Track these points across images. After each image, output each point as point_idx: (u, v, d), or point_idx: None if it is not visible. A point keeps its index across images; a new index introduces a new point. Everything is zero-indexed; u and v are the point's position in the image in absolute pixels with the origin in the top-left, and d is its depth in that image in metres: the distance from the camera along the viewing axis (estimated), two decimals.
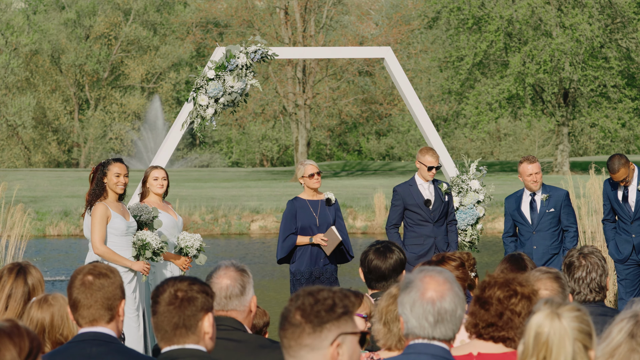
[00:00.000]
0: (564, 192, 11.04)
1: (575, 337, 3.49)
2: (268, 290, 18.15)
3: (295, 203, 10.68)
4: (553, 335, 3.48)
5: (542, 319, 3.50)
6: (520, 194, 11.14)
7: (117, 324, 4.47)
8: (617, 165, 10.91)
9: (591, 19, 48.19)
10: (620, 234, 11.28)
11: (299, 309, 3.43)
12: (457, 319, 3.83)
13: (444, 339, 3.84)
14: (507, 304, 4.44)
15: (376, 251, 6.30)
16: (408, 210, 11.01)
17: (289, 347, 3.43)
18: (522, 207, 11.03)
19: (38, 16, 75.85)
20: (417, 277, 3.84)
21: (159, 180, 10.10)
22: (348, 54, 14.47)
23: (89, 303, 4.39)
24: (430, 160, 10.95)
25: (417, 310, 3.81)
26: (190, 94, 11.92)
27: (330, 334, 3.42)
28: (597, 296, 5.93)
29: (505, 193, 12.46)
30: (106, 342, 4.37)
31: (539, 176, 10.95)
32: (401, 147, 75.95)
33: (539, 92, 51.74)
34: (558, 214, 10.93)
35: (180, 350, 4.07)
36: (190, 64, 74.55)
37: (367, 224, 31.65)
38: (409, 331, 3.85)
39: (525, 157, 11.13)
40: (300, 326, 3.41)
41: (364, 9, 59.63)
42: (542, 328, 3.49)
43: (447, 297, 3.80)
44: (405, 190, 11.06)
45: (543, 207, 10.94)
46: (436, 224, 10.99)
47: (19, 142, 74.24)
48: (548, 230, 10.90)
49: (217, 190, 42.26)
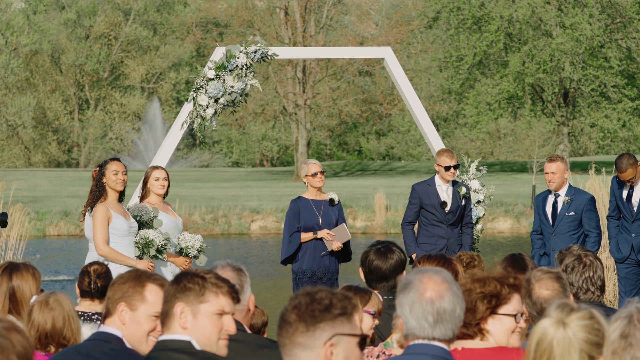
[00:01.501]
0: (588, 197, 10.94)
1: (581, 348, 3.44)
2: (268, 290, 18.13)
3: (299, 202, 10.67)
4: (556, 345, 3.43)
5: (548, 325, 3.46)
6: (547, 193, 11.09)
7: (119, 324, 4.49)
8: (625, 164, 10.89)
9: (591, 18, 48.18)
10: (622, 232, 11.27)
11: (295, 308, 3.46)
12: (456, 318, 3.83)
13: (443, 338, 3.84)
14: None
15: (377, 251, 6.29)
16: (424, 209, 11.04)
17: (284, 345, 3.46)
18: (546, 207, 11.00)
19: (38, 16, 75.85)
20: (415, 277, 3.84)
21: (160, 181, 10.09)
22: (348, 54, 14.46)
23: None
24: (445, 160, 10.97)
25: (416, 311, 3.81)
26: (190, 94, 11.90)
27: (324, 333, 3.42)
28: (597, 296, 5.93)
29: (506, 193, 12.46)
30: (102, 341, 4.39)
31: (556, 176, 10.86)
32: (401, 147, 75.94)
33: (538, 92, 51.73)
34: (579, 218, 10.83)
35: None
36: (190, 64, 74.55)
37: (367, 224, 31.64)
38: (408, 332, 3.85)
39: (550, 155, 11.13)
40: (294, 324, 3.43)
41: (364, 9, 59.60)
42: (546, 335, 3.45)
43: (446, 296, 3.80)
44: (423, 189, 11.08)
45: (563, 209, 10.86)
46: (450, 226, 11.01)
47: (19, 142, 74.23)
48: (566, 233, 10.83)
49: (217, 190, 42.26)
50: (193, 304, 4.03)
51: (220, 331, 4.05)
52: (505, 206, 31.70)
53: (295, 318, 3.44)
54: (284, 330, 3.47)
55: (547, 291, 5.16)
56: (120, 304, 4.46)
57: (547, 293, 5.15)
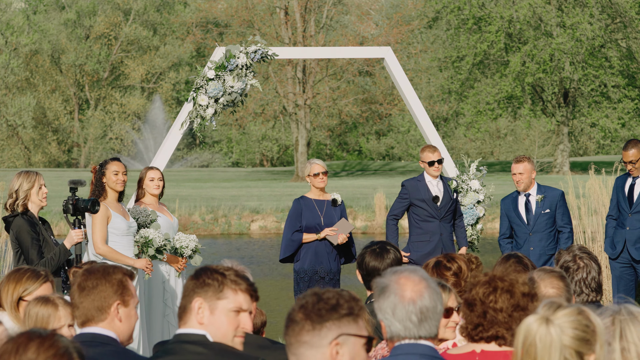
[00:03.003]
0: (559, 192, 11.01)
1: (566, 344, 3.43)
2: (268, 290, 18.14)
3: (302, 202, 10.66)
4: (539, 342, 3.43)
5: (532, 322, 3.47)
6: (515, 195, 11.13)
7: (114, 324, 4.42)
8: (632, 145, 10.92)
9: (592, 18, 48.18)
10: (617, 228, 11.27)
11: (302, 307, 3.48)
12: (438, 314, 3.84)
13: (429, 336, 3.84)
14: (487, 302, 4.40)
15: (372, 252, 6.31)
16: (414, 205, 11.00)
17: (290, 344, 3.47)
18: (518, 208, 11.01)
19: (38, 16, 75.86)
20: (392, 279, 3.84)
21: (155, 181, 10.11)
22: (348, 54, 14.45)
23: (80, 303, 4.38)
24: (428, 155, 10.99)
25: (399, 313, 3.80)
26: (190, 94, 11.89)
27: (330, 332, 3.43)
28: (596, 296, 5.92)
29: (506, 193, 12.42)
30: (103, 344, 4.34)
31: (523, 177, 10.91)
32: (401, 147, 75.94)
33: (539, 92, 51.72)
34: (554, 215, 10.90)
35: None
36: (190, 64, 74.55)
37: (367, 224, 31.64)
38: (392, 334, 3.84)
39: (516, 156, 11.17)
40: (300, 323, 3.45)
41: (364, 9, 59.62)
42: (530, 332, 3.46)
43: (426, 294, 3.81)
44: (413, 185, 11.06)
45: (538, 207, 10.91)
46: (443, 220, 10.99)
47: (19, 142, 74.23)
48: (544, 231, 10.87)
49: (217, 190, 42.26)
50: (211, 299, 4.02)
51: (236, 328, 4.04)
52: None
53: (302, 317, 3.46)
54: (290, 329, 3.48)
55: (553, 289, 5.16)
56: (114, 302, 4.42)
57: (553, 291, 5.15)
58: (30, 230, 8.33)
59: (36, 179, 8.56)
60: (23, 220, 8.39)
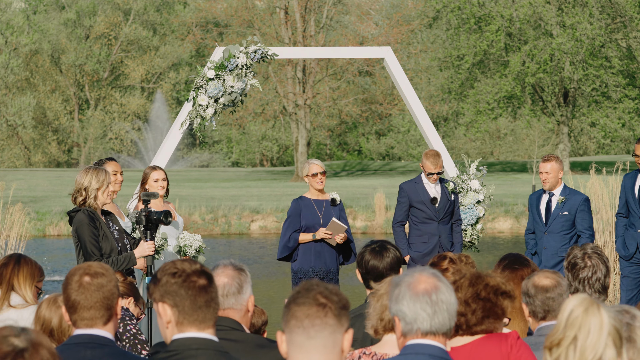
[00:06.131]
0: (582, 197, 10.92)
1: (609, 331, 3.43)
2: (268, 290, 18.13)
3: (300, 202, 10.66)
4: (585, 318, 3.42)
5: (581, 301, 3.46)
6: (541, 192, 11.10)
7: (114, 324, 4.43)
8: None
9: (592, 18, 48.18)
10: (629, 229, 11.25)
11: (320, 293, 3.51)
12: (453, 309, 3.85)
13: (442, 329, 3.84)
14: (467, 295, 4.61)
15: (372, 251, 6.31)
16: (413, 207, 11.03)
17: (311, 326, 3.47)
18: (540, 206, 11.00)
19: (38, 16, 75.87)
20: (405, 277, 3.89)
21: (159, 182, 10.07)
22: (348, 54, 14.46)
23: (88, 304, 4.35)
24: (429, 167, 11.00)
25: (413, 305, 3.83)
26: (190, 94, 11.88)
27: (345, 321, 3.52)
28: (600, 297, 5.90)
29: (506, 193, 12.43)
30: (101, 345, 4.31)
31: (550, 176, 10.83)
32: (401, 147, 75.92)
33: (539, 91, 51.72)
34: (572, 218, 10.82)
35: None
36: (190, 64, 74.56)
37: (367, 224, 31.64)
38: (406, 328, 3.86)
39: (545, 155, 11.14)
40: (327, 306, 3.48)
41: (364, 9, 59.61)
42: (579, 308, 3.44)
43: (441, 287, 3.84)
44: (410, 187, 11.08)
45: (557, 208, 10.86)
46: (441, 222, 11.01)
47: (19, 142, 74.24)
48: (559, 232, 10.82)
49: (217, 190, 42.26)
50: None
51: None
52: (505, 206, 31.70)
53: (326, 301, 3.51)
54: (313, 310, 3.54)
55: (547, 280, 5.17)
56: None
57: (547, 281, 5.16)
58: (89, 224, 8.29)
59: (105, 179, 8.40)
60: (84, 215, 8.33)
